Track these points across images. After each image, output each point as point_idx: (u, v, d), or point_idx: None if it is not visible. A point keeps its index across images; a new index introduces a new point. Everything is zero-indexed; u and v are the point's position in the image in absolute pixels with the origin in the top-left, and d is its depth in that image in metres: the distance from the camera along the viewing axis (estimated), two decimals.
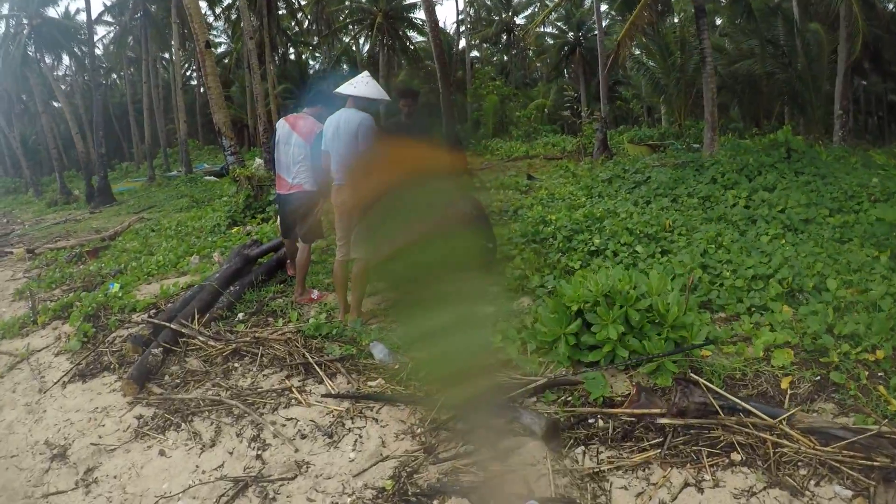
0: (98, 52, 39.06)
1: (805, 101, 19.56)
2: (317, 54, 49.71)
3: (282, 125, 5.85)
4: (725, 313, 4.68)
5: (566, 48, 38.78)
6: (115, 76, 53.08)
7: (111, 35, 42.76)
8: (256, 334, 5.06)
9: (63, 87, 44.49)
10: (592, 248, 6.08)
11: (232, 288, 6.01)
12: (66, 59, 37.79)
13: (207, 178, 23.36)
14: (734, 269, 5.17)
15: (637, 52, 23.25)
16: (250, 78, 25.10)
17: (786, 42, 20.40)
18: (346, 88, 4.82)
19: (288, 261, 6.65)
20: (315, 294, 6.00)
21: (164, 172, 30.06)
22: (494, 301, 2.69)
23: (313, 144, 5.39)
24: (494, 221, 5.95)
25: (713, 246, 5.78)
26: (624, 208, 7.80)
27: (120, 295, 6.48)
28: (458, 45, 47.83)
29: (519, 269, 5.62)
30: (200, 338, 4.97)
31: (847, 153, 10.95)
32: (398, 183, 1.91)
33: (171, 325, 5.05)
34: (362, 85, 4.87)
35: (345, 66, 43.97)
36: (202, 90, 47.31)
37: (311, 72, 46.95)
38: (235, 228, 10.02)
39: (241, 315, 5.60)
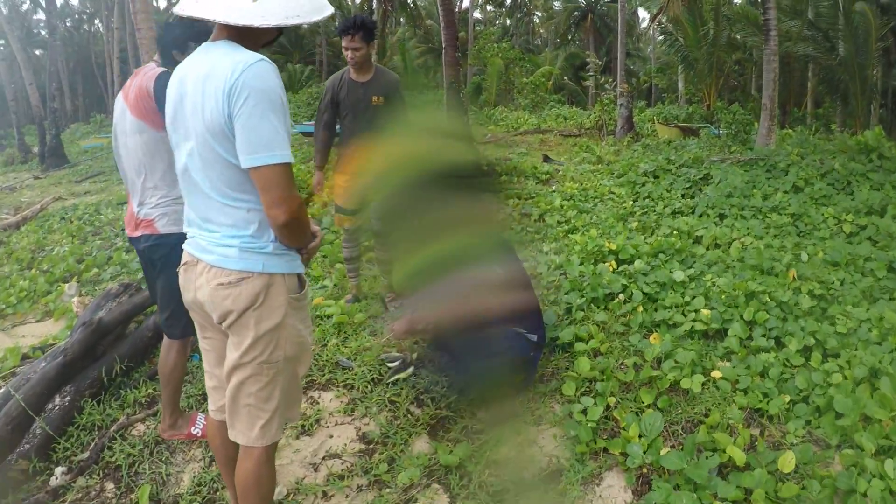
0: None
1: (847, 91, 17.65)
2: None
3: (118, 102, 3.04)
4: None
5: (577, 13, 36.49)
6: (98, 22, 50.01)
7: None
8: None
9: (43, 33, 41.41)
10: (697, 325, 3.88)
11: (57, 400, 3.30)
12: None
13: None
14: None
15: (664, 19, 21.05)
16: None
17: (828, 24, 18.42)
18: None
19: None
20: (198, 425, 3.29)
21: None
22: None
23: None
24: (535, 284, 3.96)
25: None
26: (706, 229, 5.91)
27: None
28: (461, 4, 45.25)
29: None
30: None
31: None
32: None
33: None
34: None
35: (335, 26, 41.34)
36: None
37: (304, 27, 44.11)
38: None
39: (59, 472, 3.00)
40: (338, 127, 4.74)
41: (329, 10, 1.91)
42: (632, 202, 7.69)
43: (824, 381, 3.31)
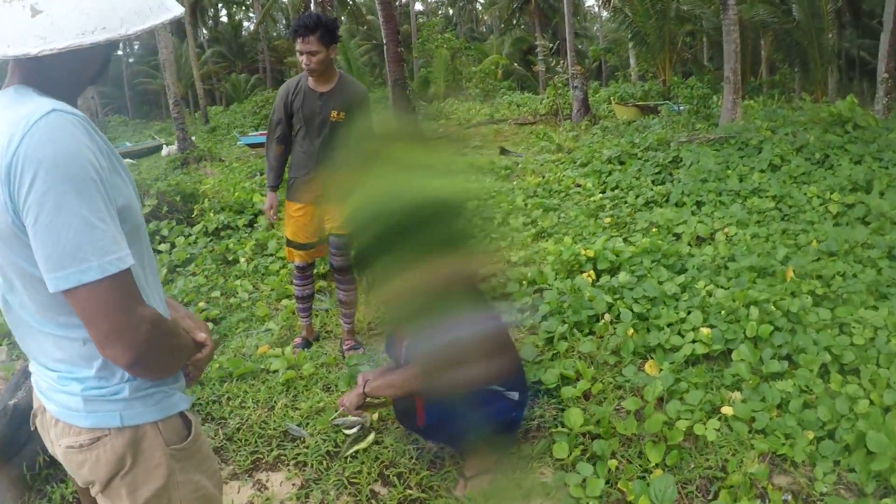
0: None
1: (805, 56, 17.36)
2: (251, 14, 45.47)
3: None
4: None
5: None
6: None
7: None
8: None
9: None
10: (698, 347, 3.34)
11: None
12: None
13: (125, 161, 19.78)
14: None
15: None
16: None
17: None
18: None
19: None
20: None
21: None
22: None
23: None
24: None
25: None
26: (685, 223, 5.40)
27: None
28: None
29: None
30: None
31: None
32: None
33: None
34: None
35: (282, 24, 40.12)
36: (131, 60, 43.00)
37: (245, 33, 42.91)
38: None
39: None
40: None
41: (169, 13, 1.28)
42: (600, 194, 7.18)
43: (850, 409, 2.83)
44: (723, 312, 3.60)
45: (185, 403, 1.48)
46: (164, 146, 20.59)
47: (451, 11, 47.30)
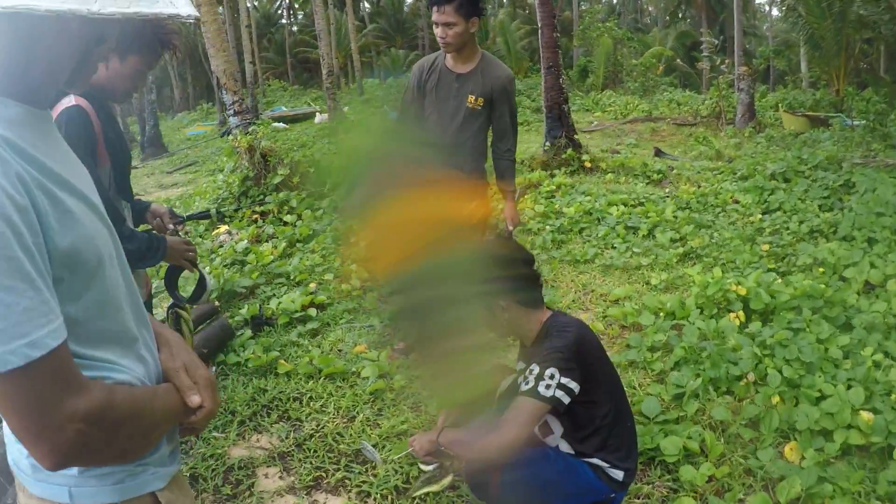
0: None
1: None
2: None
3: None
4: None
5: None
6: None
7: None
8: None
9: None
10: (853, 436, 2.63)
11: None
12: None
13: (276, 125, 20.40)
14: None
15: None
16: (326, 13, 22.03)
17: None
18: None
19: None
20: None
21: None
22: None
23: None
24: None
25: None
26: (856, 265, 4.45)
27: None
28: None
29: None
30: None
31: None
32: None
33: None
34: None
35: None
36: (294, 28, 44.77)
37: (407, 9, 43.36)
38: (218, 229, 6.74)
39: None
40: None
41: (170, 7, 0.88)
42: (760, 215, 6.32)
43: None
44: (893, 396, 2.82)
45: (160, 481, 1.11)
46: (318, 114, 21.11)
47: (614, 0, 45.49)
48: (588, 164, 9.26)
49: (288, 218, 6.86)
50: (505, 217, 3.54)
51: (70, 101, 2.05)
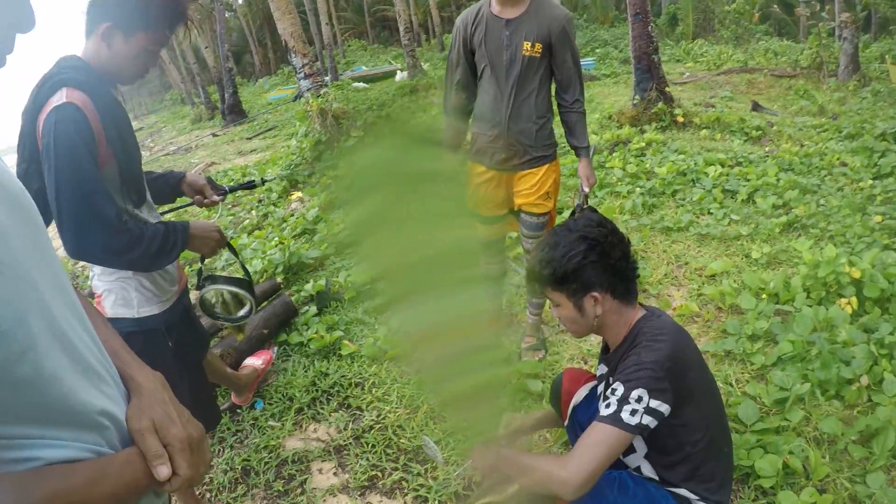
0: None
1: None
2: None
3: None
4: None
5: None
6: None
7: None
8: None
9: None
10: None
11: None
12: None
13: (356, 85, 20.23)
14: None
15: None
16: None
17: None
18: None
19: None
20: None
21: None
22: None
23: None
24: None
25: None
26: None
27: None
28: None
29: None
30: None
31: None
32: None
33: None
34: None
35: None
36: None
37: None
38: (292, 195, 6.60)
39: None
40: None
41: None
42: (871, 180, 5.65)
43: None
44: None
45: None
46: (399, 72, 20.87)
47: None
48: (680, 119, 8.63)
49: None
50: (580, 176, 3.16)
51: (62, 97, 1.71)
